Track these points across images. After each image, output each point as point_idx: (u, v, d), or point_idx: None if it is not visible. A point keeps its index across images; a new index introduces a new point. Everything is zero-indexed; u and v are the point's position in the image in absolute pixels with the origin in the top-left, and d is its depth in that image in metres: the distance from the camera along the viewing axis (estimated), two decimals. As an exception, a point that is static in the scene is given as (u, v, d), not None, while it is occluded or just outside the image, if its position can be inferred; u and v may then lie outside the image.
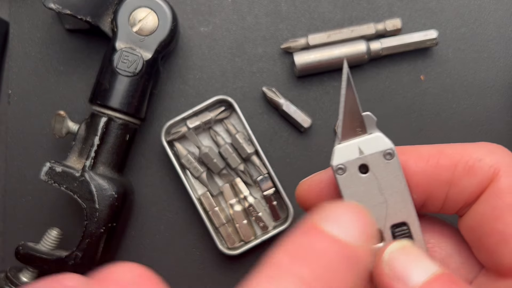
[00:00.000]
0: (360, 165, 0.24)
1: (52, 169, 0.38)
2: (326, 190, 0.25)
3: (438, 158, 0.23)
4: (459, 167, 0.23)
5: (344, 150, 0.24)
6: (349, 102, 0.24)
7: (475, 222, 0.23)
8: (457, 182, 0.23)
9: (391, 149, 0.24)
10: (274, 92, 0.43)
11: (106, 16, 0.40)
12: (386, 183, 0.24)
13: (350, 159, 0.24)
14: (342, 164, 0.24)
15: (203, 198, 0.41)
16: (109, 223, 0.38)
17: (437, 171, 0.23)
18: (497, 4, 0.44)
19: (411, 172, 0.24)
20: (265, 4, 0.44)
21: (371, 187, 0.24)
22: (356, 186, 0.24)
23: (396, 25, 0.43)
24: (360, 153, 0.24)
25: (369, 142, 0.24)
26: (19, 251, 0.38)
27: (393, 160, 0.24)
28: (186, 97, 0.44)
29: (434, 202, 0.24)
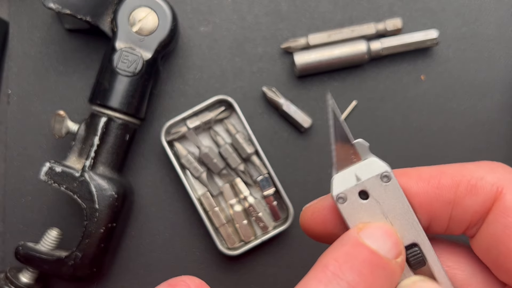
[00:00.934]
0: (360, 191, 0.24)
1: (52, 169, 0.38)
2: (330, 216, 0.25)
3: (439, 178, 0.23)
4: (461, 186, 0.23)
5: (342, 179, 0.24)
6: (338, 133, 0.24)
7: (487, 243, 0.23)
8: (460, 201, 0.23)
9: (387, 171, 0.24)
10: (274, 92, 0.43)
11: (106, 16, 0.40)
12: (389, 206, 0.24)
13: (349, 187, 0.24)
14: (342, 193, 0.24)
15: (203, 198, 0.41)
16: (109, 223, 0.38)
17: (439, 192, 0.23)
18: (497, 3, 0.44)
19: (413, 194, 0.24)
20: (265, 3, 0.44)
21: (374, 212, 0.24)
22: (359, 213, 0.24)
23: (396, 25, 0.43)
24: (357, 180, 0.24)
25: (364, 167, 0.24)
26: (19, 251, 0.38)
27: (391, 182, 0.24)
28: (186, 97, 0.44)
29: (439, 223, 0.24)
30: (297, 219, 0.42)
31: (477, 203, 0.23)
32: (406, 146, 0.44)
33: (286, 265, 0.43)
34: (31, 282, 0.39)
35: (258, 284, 0.43)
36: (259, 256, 0.43)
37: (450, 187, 0.23)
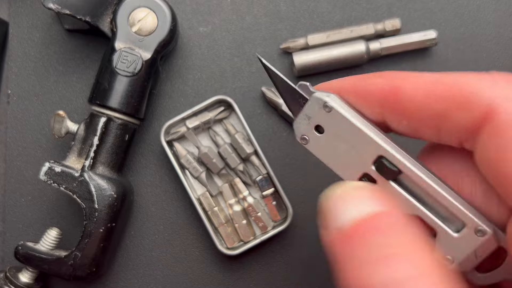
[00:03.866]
0: (314, 127, 0.26)
1: (51, 169, 0.38)
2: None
3: (434, 87, 0.22)
4: (453, 99, 0.21)
5: (299, 123, 0.26)
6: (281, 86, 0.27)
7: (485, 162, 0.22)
8: (449, 114, 0.22)
9: (325, 102, 0.25)
10: (274, 92, 0.43)
11: (106, 16, 0.40)
12: (342, 131, 0.25)
13: (304, 127, 0.26)
14: (303, 135, 0.26)
15: (202, 198, 0.41)
16: (109, 223, 0.38)
17: (429, 101, 0.22)
18: (496, 4, 0.44)
19: (404, 99, 0.23)
20: (264, 4, 0.44)
21: (335, 140, 0.25)
22: (323, 146, 0.26)
23: (395, 25, 0.43)
24: (308, 119, 0.26)
25: (310, 105, 0.26)
26: (18, 251, 0.38)
27: (333, 110, 0.25)
28: (185, 97, 0.44)
29: (427, 132, 0.23)
30: (297, 219, 0.43)
31: (466, 119, 0.21)
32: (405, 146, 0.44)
33: (286, 265, 0.43)
34: (31, 282, 0.39)
35: (257, 284, 0.43)
36: (258, 256, 0.43)
37: (442, 98, 0.22)
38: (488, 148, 0.21)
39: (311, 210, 0.43)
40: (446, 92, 0.22)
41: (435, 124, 0.23)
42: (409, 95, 0.23)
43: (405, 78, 0.24)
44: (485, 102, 0.21)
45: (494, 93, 0.21)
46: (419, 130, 0.24)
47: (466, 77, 0.22)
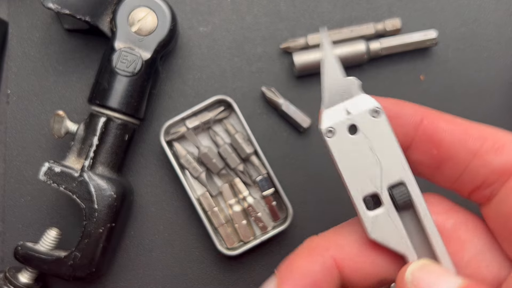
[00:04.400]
0: (349, 126, 0.24)
1: (51, 169, 0.38)
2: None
3: (469, 127, 0.23)
4: (488, 142, 0.23)
5: (332, 113, 0.24)
6: (330, 67, 0.24)
7: (503, 212, 0.22)
8: (483, 154, 0.23)
9: (377, 107, 0.23)
10: (274, 92, 0.43)
11: (105, 16, 0.40)
12: (377, 142, 0.23)
13: (338, 121, 0.24)
14: (331, 127, 0.24)
15: (202, 198, 0.41)
16: (108, 223, 0.38)
17: (466, 137, 0.23)
18: (496, 4, 0.44)
19: (440, 128, 0.23)
20: (264, 4, 0.44)
21: (362, 147, 0.23)
22: (347, 148, 0.24)
23: (395, 25, 0.43)
24: (347, 114, 0.24)
25: (355, 103, 0.24)
26: (18, 251, 0.38)
27: (381, 118, 0.23)
28: (185, 97, 0.44)
29: (453, 168, 0.23)
30: (297, 219, 0.42)
31: (499, 163, 0.22)
32: (405, 146, 0.44)
33: (285, 265, 0.43)
34: (30, 282, 0.39)
35: (257, 284, 0.43)
36: (258, 256, 0.43)
37: (477, 138, 0.23)
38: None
39: (311, 210, 0.43)
40: (483, 134, 0.23)
41: (465, 160, 0.23)
42: (446, 126, 0.23)
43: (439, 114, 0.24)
44: None
45: None
46: (443, 166, 0.24)
47: (496, 129, 0.23)
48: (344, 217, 0.43)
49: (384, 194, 0.23)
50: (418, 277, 0.22)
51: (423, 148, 0.24)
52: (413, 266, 0.23)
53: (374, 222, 0.23)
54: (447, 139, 0.23)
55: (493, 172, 0.22)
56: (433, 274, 0.22)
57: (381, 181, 0.23)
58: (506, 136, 0.23)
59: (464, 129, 0.23)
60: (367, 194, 0.24)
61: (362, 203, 0.24)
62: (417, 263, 0.23)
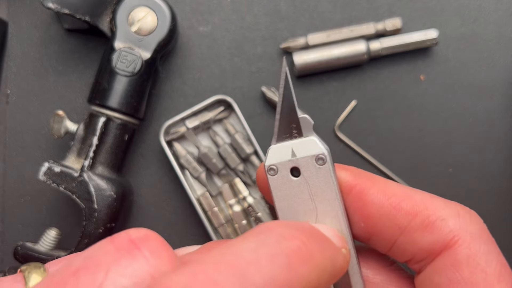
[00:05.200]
0: (292, 167, 0.23)
1: (51, 169, 0.38)
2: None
3: (401, 200, 0.22)
4: (418, 218, 0.22)
5: (278, 151, 0.23)
6: (286, 102, 0.24)
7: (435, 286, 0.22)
8: (411, 232, 0.22)
9: (323, 154, 0.23)
10: (274, 92, 0.43)
11: (105, 15, 0.40)
12: (317, 189, 0.23)
13: (282, 160, 0.23)
14: (274, 165, 0.23)
15: (202, 198, 0.41)
16: (108, 224, 0.38)
17: (394, 212, 0.22)
18: (497, 4, 0.44)
19: (368, 201, 0.22)
20: (264, 3, 0.44)
21: (302, 191, 0.23)
22: (286, 189, 0.23)
23: (396, 24, 0.43)
24: (292, 155, 0.23)
25: (303, 145, 0.23)
26: (17, 251, 0.38)
27: (325, 166, 0.23)
28: (185, 97, 0.43)
29: (382, 242, 0.23)
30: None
31: (427, 241, 0.21)
32: (406, 146, 0.44)
33: (285, 265, 0.43)
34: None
35: (257, 284, 0.43)
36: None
37: (407, 214, 0.22)
38: (440, 276, 0.21)
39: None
40: (414, 209, 0.22)
41: (393, 236, 0.22)
42: (375, 199, 0.22)
43: (373, 180, 0.23)
44: (448, 230, 0.21)
45: (459, 224, 0.21)
46: (373, 238, 0.23)
47: (433, 200, 0.22)
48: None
49: None
50: None
51: (351, 218, 0.23)
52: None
53: None
54: (374, 214, 0.22)
55: (420, 250, 0.22)
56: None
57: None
58: (440, 211, 0.22)
59: (395, 203, 0.22)
60: None
61: None
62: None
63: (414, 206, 0.22)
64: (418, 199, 0.22)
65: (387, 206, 0.22)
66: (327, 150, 0.23)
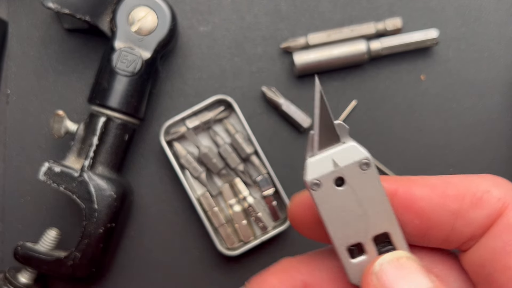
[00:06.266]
0: (336, 178, 0.22)
1: (51, 169, 0.38)
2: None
3: (445, 187, 0.23)
4: (467, 198, 0.22)
5: (318, 164, 0.22)
6: (323, 112, 0.23)
7: (483, 258, 0.23)
8: (464, 213, 0.22)
9: (367, 159, 0.22)
10: (274, 92, 0.43)
11: (105, 15, 0.40)
12: (364, 194, 0.23)
13: (325, 173, 0.22)
14: (317, 179, 0.22)
15: (202, 198, 0.41)
16: (108, 223, 0.38)
17: (444, 200, 0.23)
18: (497, 3, 0.44)
19: (416, 198, 0.23)
20: (265, 3, 0.44)
21: (349, 200, 0.23)
22: (333, 201, 0.23)
23: (396, 24, 0.43)
24: (334, 166, 0.22)
25: (343, 153, 0.23)
26: (18, 251, 0.38)
27: (370, 170, 0.22)
28: (185, 96, 0.43)
29: (438, 232, 0.23)
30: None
31: (481, 216, 0.22)
32: (406, 146, 0.44)
33: (286, 265, 0.43)
34: (30, 282, 0.39)
35: (258, 284, 0.43)
36: (258, 256, 0.43)
37: (455, 198, 0.23)
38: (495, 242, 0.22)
39: (311, 210, 0.43)
40: (459, 192, 0.23)
41: (449, 223, 0.23)
42: (422, 195, 0.23)
43: (410, 179, 0.24)
44: (496, 199, 0.22)
45: (503, 192, 0.22)
46: (429, 232, 0.24)
47: (470, 178, 0.23)
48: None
49: (368, 244, 0.23)
50: (385, 269, 0.21)
51: (404, 219, 0.23)
52: (385, 258, 0.22)
53: (357, 269, 0.23)
54: (426, 207, 0.23)
55: (477, 227, 0.23)
56: (403, 270, 0.21)
57: (366, 233, 0.23)
58: (482, 185, 0.23)
59: (441, 192, 0.23)
60: (351, 244, 0.23)
61: (346, 253, 0.23)
62: (392, 254, 0.22)
63: (458, 189, 0.23)
64: (458, 182, 0.23)
65: (436, 197, 0.23)
66: (369, 154, 0.22)
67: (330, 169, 0.22)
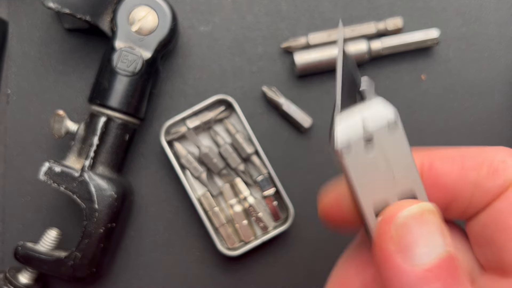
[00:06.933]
0: (365, 140, 0.22)
1: (51, 169, 0.38)
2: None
3: (463, 159, 0.24)
4: (484, 168, 0.23)
5: (346, 127, 0.22)
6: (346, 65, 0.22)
7: (488, 220, 0.23)
8: (482, 183, 0.23)
9: (395, 117, 0.22)
10: (274, 92, 0.43)
11: (106, 15, 0.40)
12: (392, 155, 0.22)
13: (354, 138, 0.22)
14: (347, 145, 0.22)
15: (203, 198, 0.41)
16: (109, 223, 0.38)
17: (464, 172, 0.23)
18: (498, 3, 0.44)
19: (438, 173, 0.23)
20: (265, 3, 0.44)
21: (378, 162, 0.22)
22: (362, 165, 0.22)
23: (397, 24, 0.43)
24: (364, 129, 0.22)
25: (371, 113, 0.22)
26: (18, 252, 0.38)
27: (398, 130, 0.22)
28: (185, 96, 0.43)
29: (459, 204, 0.24)
30: (298, 219, 0.42)
31: (497, 185, 0.23)
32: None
33: (286, 265, 0.43)
34: (30, 283, 0.39)
35: (258, 284, 0.43)
36: (259, 257, 0.43)
37: (473, 169, 0.23)
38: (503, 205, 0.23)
39: (312, 210, 0.43)
40: (477, 162, 0.23)
41: (469, 194, 0.23)
42: (445, 169, 0.24)
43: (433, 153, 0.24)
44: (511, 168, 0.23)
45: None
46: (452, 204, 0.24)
47: (484, 149, 0.24)
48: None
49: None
50: (407, 225, 0.21)
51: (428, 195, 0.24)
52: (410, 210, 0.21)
53: None
54: (448, 181, 0.23)
55: (493, 197, 0.23)
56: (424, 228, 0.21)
57: (393, 195, 0.23)
58: (497, 155, 0.23)
59: (460, 164, 0.23)
60: (378, 207, 0.23)
61: (374, 216, 0.23)
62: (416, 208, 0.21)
63: (476, 160, 0.23)
64: (475, 153, 0.24)
65: (456, 170, 0.23)
66: (396, 111, 0.22)
67: (359, 133, 0.22)
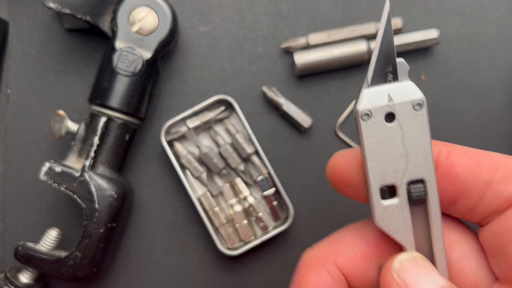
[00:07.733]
0: (387, 113, 0.22)
1: (52, 169, 0.38)
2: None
3: (480, 158, 0.24)
4: (501, 171, 0.23)
5: (373, 95, 0.22)
6: (385, 42, 0.22)
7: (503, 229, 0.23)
8: (496, 184, 0.23)
9: (421, 100, 0.22)
10: (274, 92, 0.43)
11: (106, 15, 0.40)
12: (411, 135, 0.22)
13: (378, 105, 0.22)
14: (369, 110, 0.22)
15: (203, 198, 0.41)
16: (109, 223, 0.38)
17: (479, 169, 0.24)
18: (498, 3, 0.44)
19: (453, 163, 0.24)
20: (265, 3, 0.44)
21: (395, 138, 0.23)
22: (379, 135, 0.22)
23: (396, 24, 0.43)
24: (389, 100, 0.22)
25: (399, 90, 0.22)
26: (18, 251, 0.38)
27: (422, 112, 0.22)
28: (185, 96, 0.43)
29: (467, 201, 0.24)
30: (298, 219, 0.42)
31: (510, 191, 0.23)
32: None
33: (286, 265, 0.43)
34: (31, 282, 0.39)
35: (258, 284, 0.43)
36: (259, 256, 0.43)
37: (490, 169, 0.23)
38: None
39: (312, 210, 0.43)
40: (495, 164, 0.24)
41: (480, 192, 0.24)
42: (460, 161, 0.24)
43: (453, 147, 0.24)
44: None
45: None
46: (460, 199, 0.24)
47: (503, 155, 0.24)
48: (345, 216, 0.43)
49: (402, 187, 0.23)
50: (405, 267, 0.23)
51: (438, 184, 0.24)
52: (403, 256, 0.23)
53: (385, 211, 0.23)
54: (461, 174, 0.24)
55: (505, 201, 0.23)
56: (420, 268, 0.23)
57: (403, 175, 0.23)
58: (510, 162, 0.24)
59: (477, 161, 0.24)
60: (385, 184, 0.23)
61: (378, 192, 0.23)
62: (407, 254, 0.23)
63: (494, 162, 0.24)
64: (494, 155, 0.24)
65: (472, 165, 0.24)
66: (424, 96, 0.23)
67: (383, 103, 0.22)
